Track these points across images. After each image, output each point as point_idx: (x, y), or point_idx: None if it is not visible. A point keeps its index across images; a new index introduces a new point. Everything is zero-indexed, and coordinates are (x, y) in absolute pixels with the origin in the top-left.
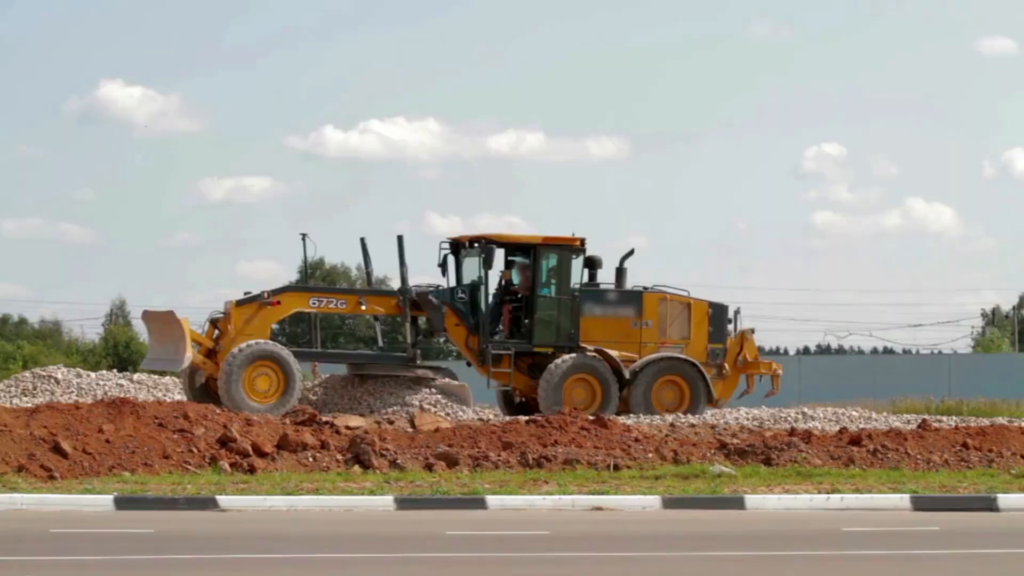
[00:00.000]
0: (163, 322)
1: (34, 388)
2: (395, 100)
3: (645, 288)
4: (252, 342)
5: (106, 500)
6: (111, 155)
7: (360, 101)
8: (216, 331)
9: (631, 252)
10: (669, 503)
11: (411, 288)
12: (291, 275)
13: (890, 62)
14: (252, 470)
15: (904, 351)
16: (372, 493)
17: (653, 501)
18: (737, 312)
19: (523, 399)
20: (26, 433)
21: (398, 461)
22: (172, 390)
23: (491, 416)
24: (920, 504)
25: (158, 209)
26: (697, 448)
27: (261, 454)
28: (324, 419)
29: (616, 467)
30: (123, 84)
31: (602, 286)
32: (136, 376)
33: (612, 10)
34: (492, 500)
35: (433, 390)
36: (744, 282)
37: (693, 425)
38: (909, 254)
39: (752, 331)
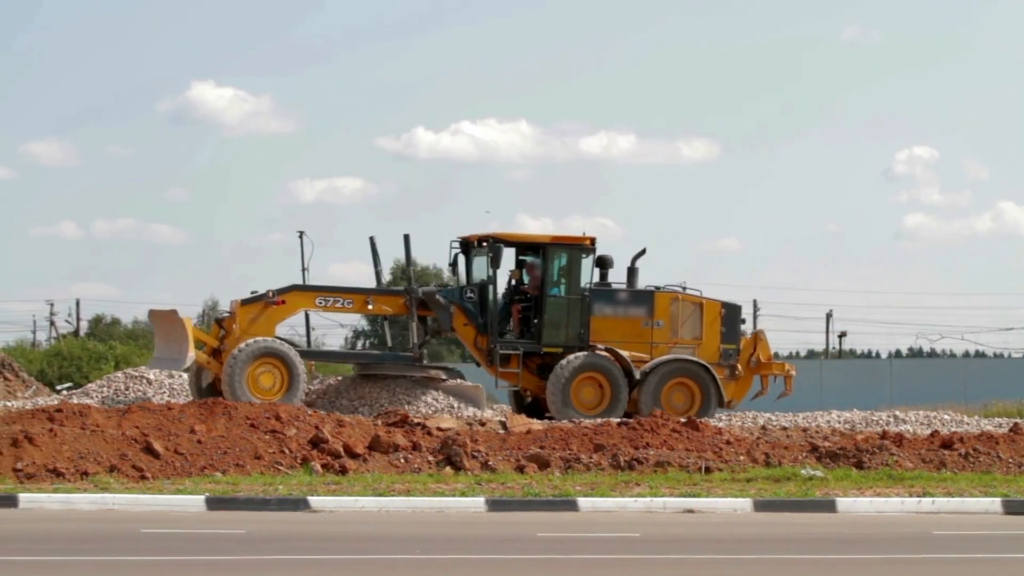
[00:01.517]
0: (167, 321)
1: (126, 389)
2: (486, 102)
3: (657, 288)
4: (255, 339)
5: (198, 501)
6: (203, 156)
7: (451, 102)
8: (222, 331)
9: (643, 251)
10: (760, 506)
11: (418, 287)
12: (385, 276)
13: (982, 64)
14: (344, 471)
15: (996, 355)
16: (463, 495)
17: (744, 504)
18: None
19: (533, 399)
20: (118, 433)
21: (489, 463)
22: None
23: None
24: (1012, 508)
25: (250, 210)
26: (789, 451)
27: (353, 455)
28: (416, 420)
29: (707, 469)
30: (214, 85)
31: (613, 286)
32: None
33: (704, 13)
34: (583, 502)
35: (443, 391)
36: (835, 285)
37: (785, 428)
38: (1000, 257)
39: (763, 331)
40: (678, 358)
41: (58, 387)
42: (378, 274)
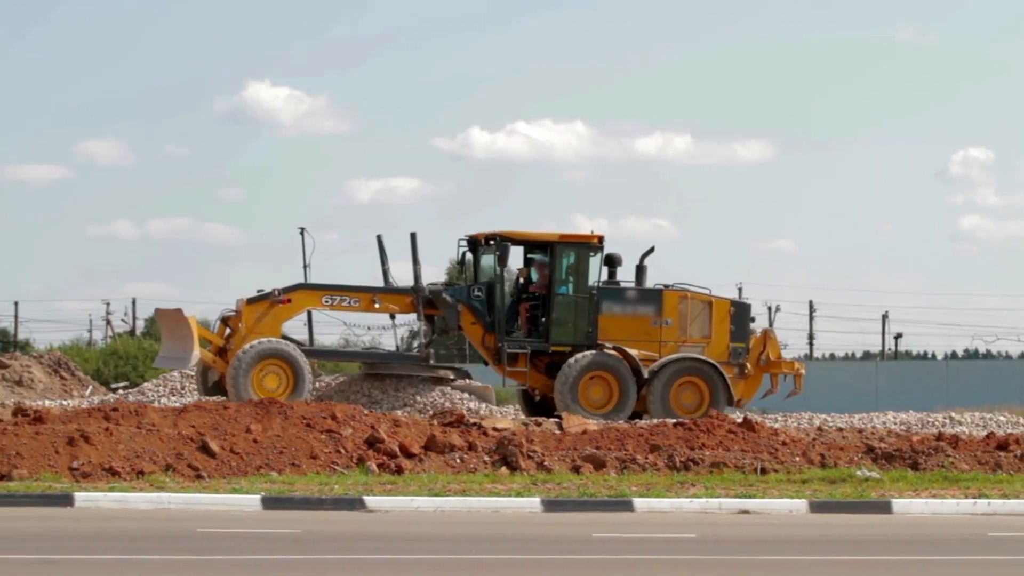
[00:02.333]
0: (172, 320)
1: (182, 388)
2: (542, 102)
3: (666, 286)
4: (261, 340)
5: (253, 500)
6: (258, 155)
7: (507, 103)
8: (227, 329)
9: (651, 250)
10: (816, 507)
11: (424, 286)
12: (439, 276)
13: None
14: (399, 471)
15: None
16: (519, 495)
17: (800, 505)
18: (777, 308)
19: (542, 398)
20: (174, 432)
21: (545, 463)
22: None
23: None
24: None
25: (305, 210)
26: (844, 452)
27: (408, 455)
28: (472, 420)
29: (763, 470)
30: (270, 85)
31: (622, 284)
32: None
33: (759, 14)
34: (639, 503)
35: (452, 389)
36: (891, 286)
37: (840, 429)
38: None
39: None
40: (687, 357)
41: (114, 386)
42: (385, 273)
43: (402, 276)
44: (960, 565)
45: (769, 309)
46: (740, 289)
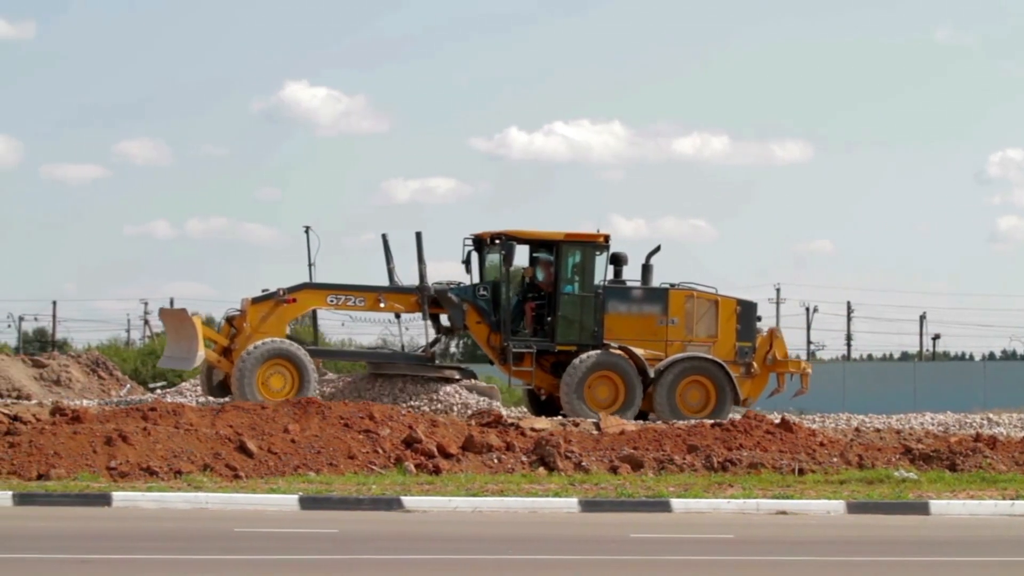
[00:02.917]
0: (177, 320)
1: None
2: (579, 102)
3: (672, 285)
4: (266, 340)
5: (291, 500)
6: (296, 155)
7: (545, 103)
8: (232, 329)
9: (658, 248)
10: (854, 508)
11: (429, 285)
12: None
13: None
14: (437, 471)
15: None
16: (557, 495)
17: (838, 506)
18: (815, 310)
19: (547, 397)
20: (212, 432)
21: (583, 463)
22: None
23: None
24: None
25: (343, 210)
26: (882, 453)
27: (446, 455)
28: (510, 421)
29: (801, 471)
30: (308, 85)
31: (628, 283)
32: (323, 377)
33: (795, 14)
34: (676, 503)
35: (457, 390)
36: (928, 287)
37: (878, 430)
38: None
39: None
40: (693, 356)
41: (152, 385)
42: (390, 272)
43: (433, 275)
44: (998, 566)
45: (807, 310)
46: (778, 290)
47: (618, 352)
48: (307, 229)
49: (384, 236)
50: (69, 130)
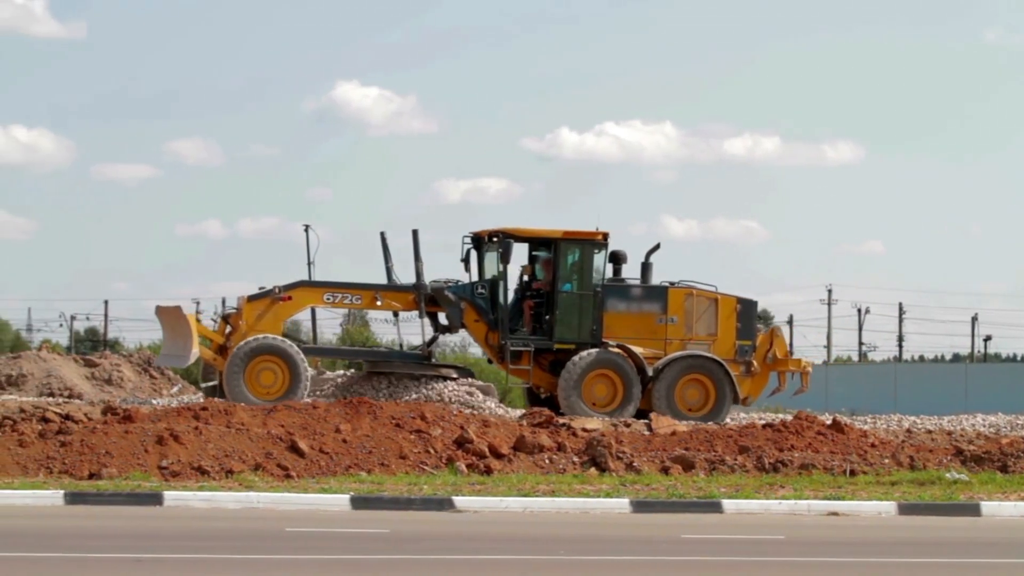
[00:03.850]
0: (172, 317)
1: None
2: (631, 103)
3: (671, 283)
4: (256, 337)
5: (342, 500)
6: (347, 155)
7: (596, 103)
8: (228, 327)
9: (657, 246)
10: (905, 509)
11: (426, 283)
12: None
13: None
14: (488, 471)
15: None
16: (608, 495)
17: (889, 507)
18: (867, 311)
19: (547, 395)
20: (263, 432)
21: (634, 464)
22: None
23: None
24: None
25: (394, 210)
26: (933, 454)
27: (498, 455)
28: (561, 421)
29: (852, 472)
30: (359, 85)
31: (627, 281)
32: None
33: (846, 16)
34: (728, 504)
35: (454, 388)
36: (980, 288)
37: (929, 431)
38: None
39: (781, 328)
40: (691, 354)
41: (203, 385)
42: (388, 270)
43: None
44: None
45: (858, 311)
46: (830, 291)
47: (616, 350)
48: (306, 228)
49: (383, 234)
50: (120, 130)
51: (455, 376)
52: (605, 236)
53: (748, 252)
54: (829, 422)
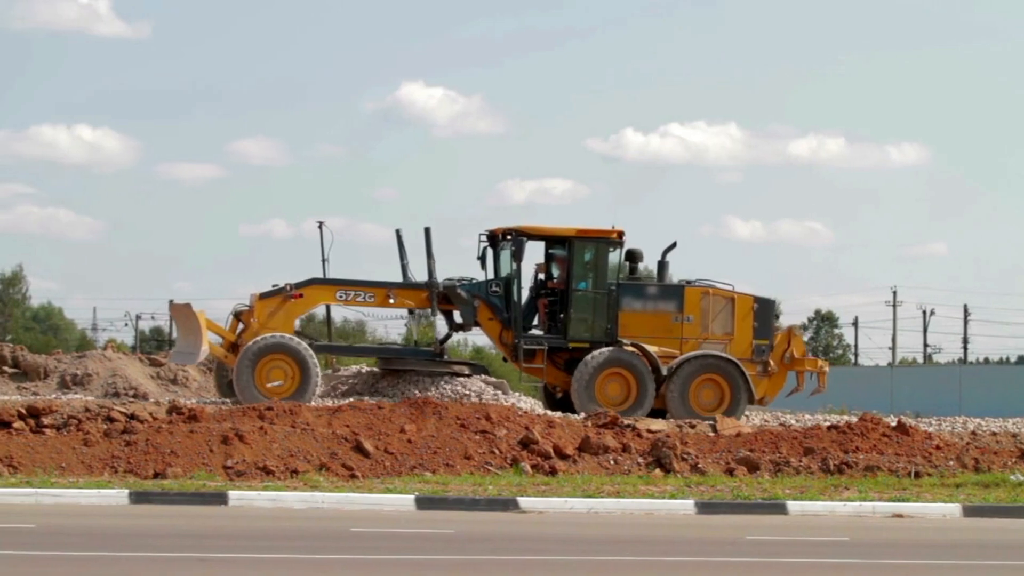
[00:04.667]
0: (184, 315)
1: (335, 388)
2: (696, 104)
3: (687, 282)
4: (265, 335)
5: (407, 500)
6: (412, 155)
7: (661, 105)
8: (240, 325)
9: (673, 245)
10: (969, 511)
11: (439, 281)
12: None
13: None
14: (553, 472)
15: None
16: (673, 497)
17: (953, 509)
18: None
19: (563, 394)
20: (328, 432)
21: (699, 465)
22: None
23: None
24: None
25: (459, 210)
26: (998, 456)
27: (562, 456)
28: (626, 422)
29: (917, 474)
30: (424, 85)
31: (643, 280)
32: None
33: (911, 18)
34: (792, 505)
35: (468, 384)
36: None
37: (994, 433)
38: None
39: (800, 328)
40: (707, 354)
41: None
42: (404, 268)
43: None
44: None
45: (923, 313)
46: (895, 293)
47: (630, 349)
48: (320, 224)
49: (398, 231)
50: (185, 129)
51: (468, 373)
52: (620, 234)
53: (813, 254)
54: (894, 424)
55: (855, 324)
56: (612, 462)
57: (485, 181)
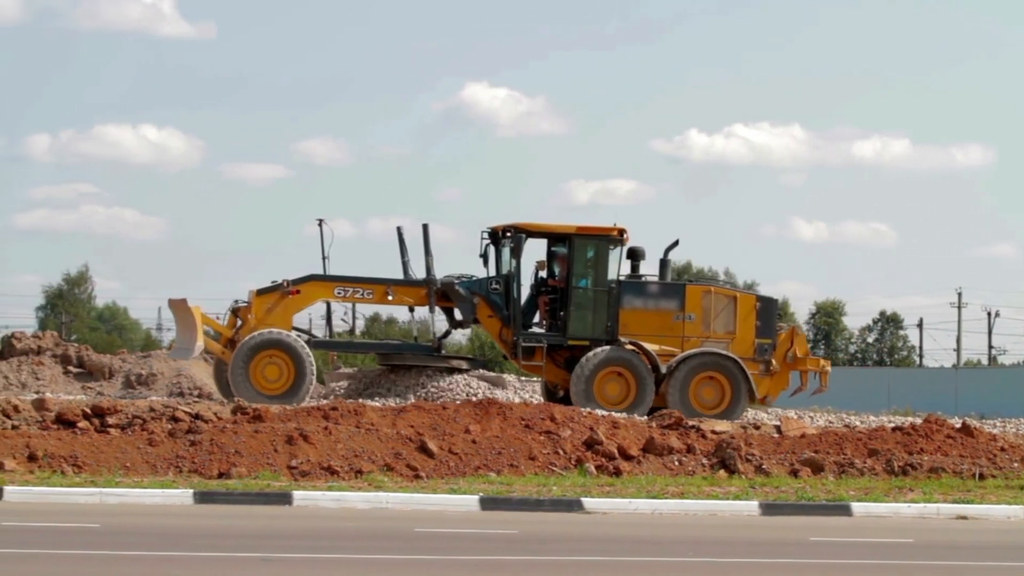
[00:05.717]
0: (181, 311)
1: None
2: (760, 105)
3: (689, 280)
4: (261, 331)
5: (471, 500)
6: (475, 156)
7: (725, 106)
8: (238, 320)
9: (676, 243)
10: None
11: (437, 278)
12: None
13: None
14: (618, 473)
15: None
16: (737, 498)
17: (1018, 511)
18: (997, 314)
19: (564, 391)
20: (393, 432)
21: (763, 466)
22: (539, 391)
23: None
24: None
25: (523, 210)
26: None
27: (627, 457)
28: (690, 423)
29: (981, 476)
30: (488, 86)
31: (644, 278)
32: (506, 377)
33: (974, 19)
34: (857, 507)
35: (466, 380)
36: None
37: None
38: None
39: (803, 327)
40: (706, 352)
41: (332, 384)
42: (404, 265)
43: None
44: None
45: (988, 314)
46: (959, 294)
47: (629, 348)
48: (320, 222)
49: (399, 229)
50: (249, 129)
51: (466, 368)
52: (621, 232)
53: (877, 255)
54: (959, 426)
55: (920, 325)
56: (676, 463)
57: (549, 182)
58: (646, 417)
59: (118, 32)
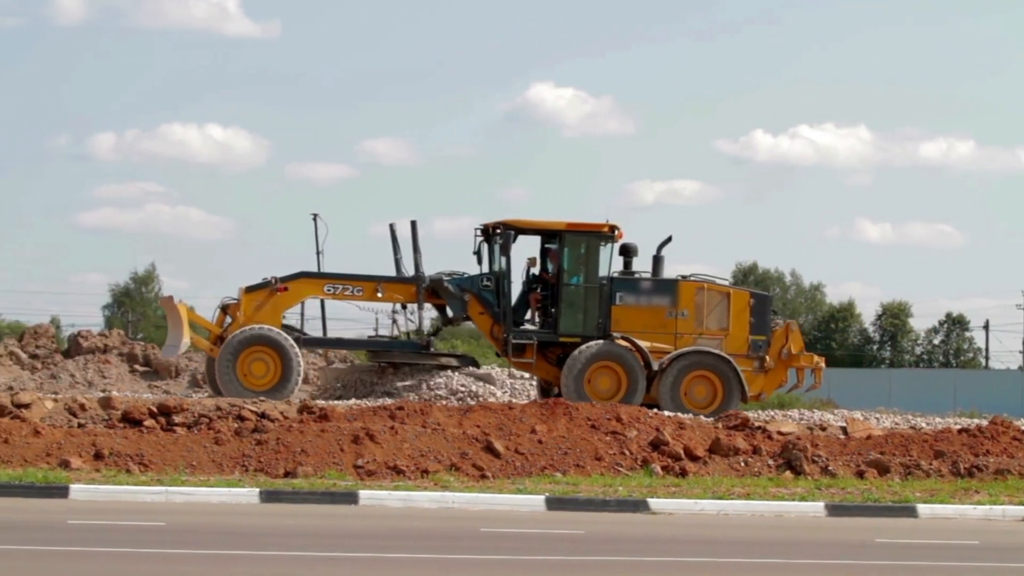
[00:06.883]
0: (169, 308)
1: (465, 389)
2: (825, 106)
3: (682, 277)
4: (247, 327)
5: (537, 500)
6: (541, 156)
7: (790, 106)
8: (228, 318)
9: (669, 239)
10: None
11: (425, 275)
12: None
13: None
14: (683, 473)
15: None
16: (803, 499)
17: None
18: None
19: (558, 389)
20: (459, 432)
21: (829, 467)
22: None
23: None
24: None
25: (588, 210)
26: None
27: (693, 458)
28: (756, 424)
29: None
30: (554, 86)
31: (637, 274)
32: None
33: None
34: (923, 509)
35: (457, 376)
36: None
37: None
38: None
39: (798, 323)
40: (699, 350)
41: (399, 384)
42: (397, 262)
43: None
44: None
45: None
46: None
47: (622, 343)
48: (315, 216)
49: (391, 226)
50: (315, 128)
51: (456, 365)
52: (612, 228)
53: (943, 256)
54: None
55: (986, 327)
56: (742, 464)
57: (614, 182)
58: (712, 418)
59: (182, 31)
